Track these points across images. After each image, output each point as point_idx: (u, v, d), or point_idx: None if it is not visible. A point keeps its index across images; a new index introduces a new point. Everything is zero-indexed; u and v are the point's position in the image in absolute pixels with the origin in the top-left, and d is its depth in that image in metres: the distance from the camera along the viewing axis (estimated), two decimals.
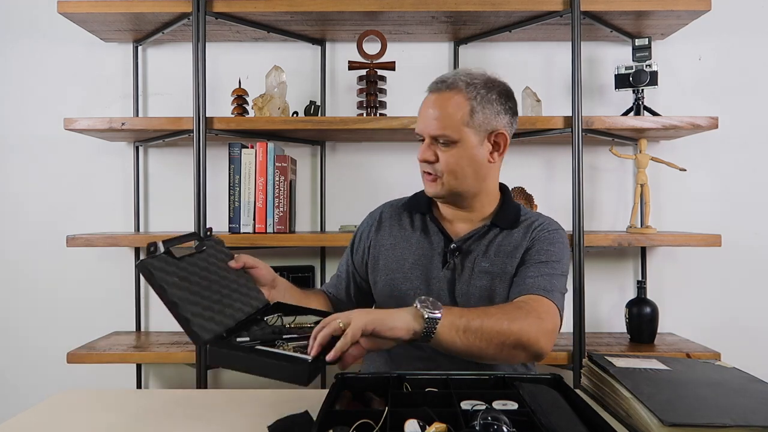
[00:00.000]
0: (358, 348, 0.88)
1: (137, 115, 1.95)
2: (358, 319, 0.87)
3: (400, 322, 0.89)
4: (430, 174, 1.19)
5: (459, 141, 1.15)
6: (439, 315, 0.91)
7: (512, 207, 1.26)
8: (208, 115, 1.70)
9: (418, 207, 1.29)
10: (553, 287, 1.11)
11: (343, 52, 1.96)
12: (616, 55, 1.93)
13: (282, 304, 1.12)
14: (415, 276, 1.21)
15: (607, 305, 1.96)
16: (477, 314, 0.97)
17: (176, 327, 0.91)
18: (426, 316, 0.90)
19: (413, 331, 0.90)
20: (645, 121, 1.70)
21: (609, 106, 1.94)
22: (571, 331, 1.66)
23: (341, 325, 0.87)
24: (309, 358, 0.84)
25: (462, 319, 0.94)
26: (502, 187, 1.29)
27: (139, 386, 1.93)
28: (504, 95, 1.19)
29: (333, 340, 0.87)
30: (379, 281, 1.26)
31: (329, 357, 0.85)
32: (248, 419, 0.90)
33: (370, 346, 0.89)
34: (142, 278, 1.96)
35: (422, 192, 1.31)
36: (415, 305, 0.92)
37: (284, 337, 0.94)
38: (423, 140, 1.19)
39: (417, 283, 1.21)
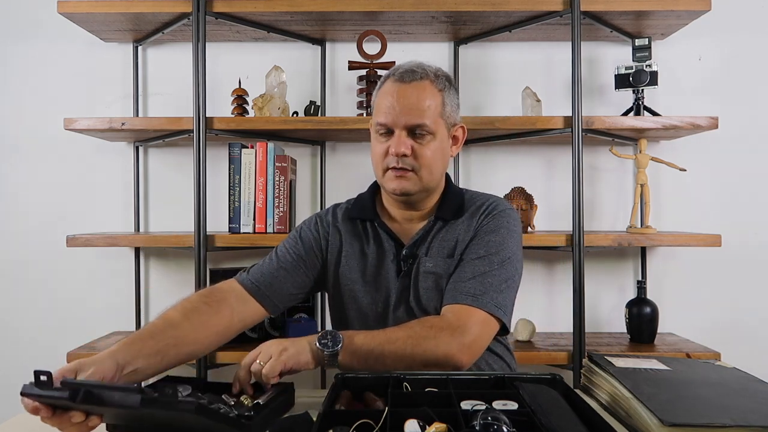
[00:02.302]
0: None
1: (137, 115, 1.95)
2: (278, 359, 0.92)
3: (309, 356, 0.95)
4: (404, 169, 1.10)
5: (435, 133, 1.11)
6: (337, 349, 0.96)
7: (454, 194, 1.20)
8: (208, 115, 1.70)
9: (364, 214, 1.21)
10: (485, 289, 1.06)
11: (343, 52, 1.96)
12: (616, 55, 1.93)
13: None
14: (374, 289, 1.17)
15: (607, 305, 1.96)
16: (379, 341, 0.99)
17: None
18: (325, 353, 0.95)
19: (319, 362, 0.97)
20: (645, 121, 1.70)
21: (609, 106, 1.94)
22: (571, 331, 1.66)
23: (261, 364, 0.92)
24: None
25: (362, 348, 0.97)
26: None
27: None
28: (457, 90, 1.19)
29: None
30: (342, 288, 1.19)
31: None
32: None
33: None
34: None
35: (362, 197, 1.25)
36: (315, 343, 0.96)
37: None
38: (385, 133, 1.12)
39: (377, 296, 1.16)
